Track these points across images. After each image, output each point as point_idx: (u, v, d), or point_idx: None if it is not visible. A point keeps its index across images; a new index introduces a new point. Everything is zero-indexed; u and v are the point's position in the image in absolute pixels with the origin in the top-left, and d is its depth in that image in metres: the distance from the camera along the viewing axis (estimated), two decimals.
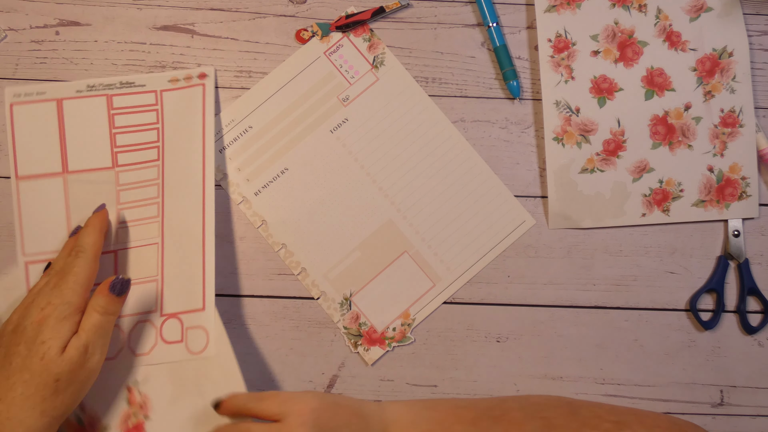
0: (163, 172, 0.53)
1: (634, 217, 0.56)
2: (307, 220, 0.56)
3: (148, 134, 0.54)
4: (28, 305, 0.45)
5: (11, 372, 0.42)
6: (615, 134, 0.56)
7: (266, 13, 0.57)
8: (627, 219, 0.56)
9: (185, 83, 0.54)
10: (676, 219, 0.56)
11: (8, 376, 0.42)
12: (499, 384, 0.55)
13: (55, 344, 0.42)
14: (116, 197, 0.53)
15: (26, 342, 0.43)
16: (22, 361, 0.42)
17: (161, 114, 0.54)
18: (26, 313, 0.44)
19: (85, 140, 0.54)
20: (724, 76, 0.57)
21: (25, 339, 0.43)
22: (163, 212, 0.53)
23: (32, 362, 0.42)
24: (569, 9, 0.57)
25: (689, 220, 0.56)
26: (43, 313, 0.43)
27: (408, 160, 0.56)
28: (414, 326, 0.55)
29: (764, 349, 0.56)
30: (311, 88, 0.57)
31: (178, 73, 0.55)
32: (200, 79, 0.55)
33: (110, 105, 0.54)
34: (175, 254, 0.53)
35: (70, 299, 0.44)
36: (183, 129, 0.54)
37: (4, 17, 0.56)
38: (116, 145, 0.54)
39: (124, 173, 0.54)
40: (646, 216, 0.56)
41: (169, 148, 0.54)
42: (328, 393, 0.50)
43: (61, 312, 0.43)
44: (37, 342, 0.42)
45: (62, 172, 0.53)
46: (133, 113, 0.54)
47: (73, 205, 0.53)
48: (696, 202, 0.56)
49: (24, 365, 0.42)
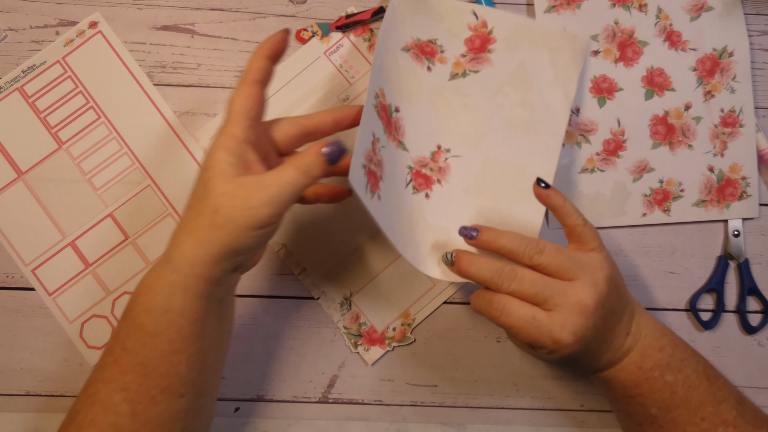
0: (113, 125, 0.55)
1: (634, 217, 0.56)
2: (307, 220, 0.56)
3: (76, 101, 0.55)
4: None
5: (190, 193, 0.41)
6: (615, 134, 0.56)
7: (266, 13, 0.57)
8: (627, 219, 0.56)
9: (81, 39, 0.55)
10: (676, 219, 0.56)
11: (189, 194, 0.41)
12: (499, 384, 0.55)
13: (215, 174, 0.38)
14: (80, 172, 0.54)
15: (200, 169, 0.40)
16: (194, 183, 0.40)
17: (76, 77, 0.55)
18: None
19: (22, 137, 0.55)
20: (725, 76, 0.57)
21: (200, 167, 0.41)
22: (137, 157, 0.55)
23: (198, 188, 0.39)
24: (569, 9, 0.57)
25: (690, 220, 0.56)
26: (211, 143, 0.40)
27: None
28: (414, 326, 0.55)
29: (764, 349, 0.56)
30: (311, 88, 0.57)
31: (69, 33, 0.55)
32: (92, 28, 0.55)
33: (25, 95, 0.55)
34: (175, 183, 0.55)
35: (229, 128, 0.40)
36: (106, 77, 0.56)
37: (4, 17, 0.56)
38: (51, 126, 0.55)
39: (74, 146, 0.55)
40: (647, 216, 0.56)
41: (105, 101, 0.55)
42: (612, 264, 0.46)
43: (220, 142, 0.39)
44: (202, 169, 0.40)
45: (19, 176, 0.54)
46: (50, 91, 0.55)
47: (46, 201, 0.54)
48: (696, 202, 0.56)
49: (194, 190, 0.40)
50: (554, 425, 0.55)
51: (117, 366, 0.40)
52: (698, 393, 0.43)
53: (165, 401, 0.40)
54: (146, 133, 0.56)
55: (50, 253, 0.54)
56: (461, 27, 0.54)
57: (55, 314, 0.54)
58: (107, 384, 0.40)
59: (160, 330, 0.39)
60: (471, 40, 0.54)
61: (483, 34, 0.54)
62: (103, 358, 0.42)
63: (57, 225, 0.54)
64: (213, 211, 0.38)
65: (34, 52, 0.56)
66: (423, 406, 0.55)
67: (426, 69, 0.53)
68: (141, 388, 0.39)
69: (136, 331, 0.40)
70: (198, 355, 0.41)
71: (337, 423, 0.55)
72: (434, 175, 0.53)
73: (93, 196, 0.55)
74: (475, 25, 0.54)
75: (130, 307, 0.41)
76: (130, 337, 0.40)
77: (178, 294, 0.39)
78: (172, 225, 0.55)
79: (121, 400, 0.39)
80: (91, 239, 0.55)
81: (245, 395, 0.54)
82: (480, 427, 0.55)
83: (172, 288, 0.39)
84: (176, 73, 0.56)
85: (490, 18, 0.54)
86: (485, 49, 0.54)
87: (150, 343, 0.39)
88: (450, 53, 0.54)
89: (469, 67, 0.54)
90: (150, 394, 0.40)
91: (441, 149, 0.53)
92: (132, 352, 0.39)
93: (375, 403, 0.55)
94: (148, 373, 0.39)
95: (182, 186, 0.55)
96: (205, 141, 0.56)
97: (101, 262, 0.54)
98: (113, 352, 0.41)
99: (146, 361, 0.39)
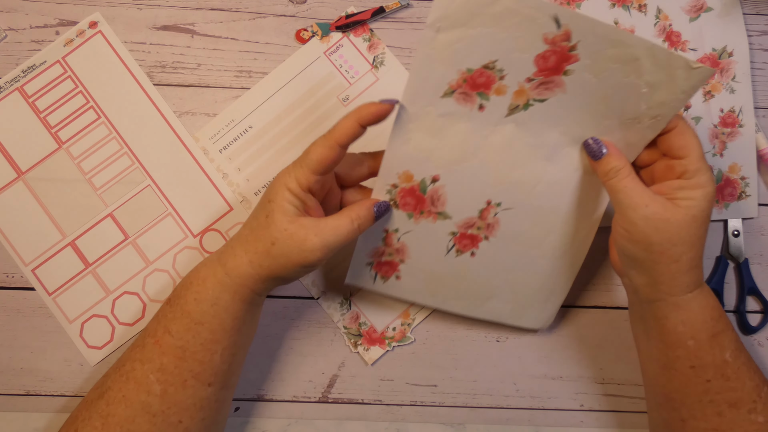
0: (113, 125, 0.55)
1: None
2: None
3: (76, 101, 0.55)
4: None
5: (252, 213, 0.45)
6: None
7: (266, 13, 0.57)
8: None
9: (81, 39, 0.55)
10: None
11: (251, 214, 0.45)
12: (499, 384, 0.55)
13: (278, 209, 0.43)
14: (80, 171, 0.54)
15: (264, 194, 0.45)
16: (258, 206, 0.45)
17: (76, 77, 0.55)
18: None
19: (22, 137, 0.55)
20: (724, 76, 0.57)
21: (265, 191, 0.45)
22: (137, 157, 0.55)
23: (261, 214, 0.44)
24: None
25: None
26: (277, 175, 0.44)
27: None
28: (414, 326, 0.55)
29: (764, 349, 0.56)
30: (311, 88, 0.57)
31: (69, 33, 0.55)
32: (92, 28, 0.55)
33: (25, 95, 0.55)
34: (175, 183, 0.55)
35: (298, 175, 0.43)
36: (106, 77, 0.56)
37: (4, 17, 0.56)
38: (51, 126, 0.55)
39: (74, 146, 0.55)
40: None
41: (105, 101, 0.55)
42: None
43: (288, 182, 0.43)
44: (266, 198, 0.44)
45: (19, 176, 0.54)
46: (50, 91, 0.56)
47: (46, 201, 0.55)
48: None
49: (256, 212, 0.44)
50: (554, 425, 0.55)
51: (157, 347, 0.44)
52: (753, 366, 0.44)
53: (194, 386, 0.44)
54: (146, 133, 0.56)
55: (50, 252, 0.54)
56: (535, 38, 0.40)
57: (55, 314, 0.54)
58: (144, 363, 0.44)
59: (206, 320, 0.43)
60: (544, 57, 0.41)
61: (563, 49, 0.40)
62: (141, 339, 0.45)
63: (57, 225, 0.54)
64: (271, 243, 0.42)
65: (34, 52, 0.56)
66: (423, 405, 0.55)
67: (477, 109, 0.43)
68: (176, 370, 0.43)
69: (183, 317, 0.44)
70: (231, 349, 0.45)
71: (336, 423, 0.55)
72: (481, 233, 0.48)
73: (93, 196, 0.55)
74: (553, 37, 0.40)
75: (180, 294, 0.44)
76: (176, 322, 0.44)
77: (227, 293, 0.43)
78: (172, 225, 0.55)
79: (155, 380, 0.43)
80: (91, 239, 0.55)
81: (245, 395, 0.54)
82: (480, 427, 0.55)
83: (223, 287, 0.43)
84: (176, 73, 0.56)
85: (578, 27, 0.39)
86: (561, 71, 0.41)
87: (194, 329, 0.43)
88: (512, 78, 0.42)
89: (533, 96, 0.43)
90: (183, 377, 0.43)
91: (491, 204, 0.47)
92: (175, 335, 0.43)
93: (375, 402, 0.55)
94: (185, 357, 0.43)
95: (182, 186, 0.55)
96: (205, 141, 0.56)
97: (101, 262, 0.54)
98: (155, 334, 0.44)
99: (186, 345, 0.43)
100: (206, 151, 0.56)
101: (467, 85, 0.42)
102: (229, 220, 0.55)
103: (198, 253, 0.55)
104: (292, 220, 0.42)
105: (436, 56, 0.41)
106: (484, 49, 0.41)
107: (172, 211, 0.55)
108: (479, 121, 0.44)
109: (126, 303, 0.54)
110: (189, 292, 0.44)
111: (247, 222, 0.45)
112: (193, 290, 0.44)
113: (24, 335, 0.54)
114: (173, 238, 0.55)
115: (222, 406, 0.47)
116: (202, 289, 0.44)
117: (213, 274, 0.44)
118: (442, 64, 0.41)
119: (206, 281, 0.44)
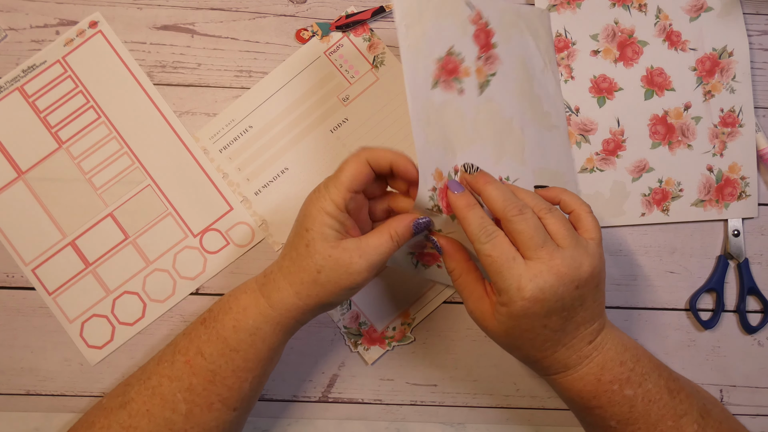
0: (113, 124, 0.55)
1: (633, 217, 0.56)
2: None
3: (76, 101, 0.55)
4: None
5: (289, 243, 0.45)
6: (614, 134, 0.57)
7: (266, 13, 0.57)
8: (626, 218, 0.56)
9: (81, 39, 0.55)
10: (675, 219, 0.56)
11: (286, 245, 0.45)
12: (499, 384, 0.55)
13: (318, 237, 0.42)
14: (80, 171, 0.54)
15: (297, 222, 0.44)
16: (294, 235, 0.44)
17: (76, 77, 0.55)
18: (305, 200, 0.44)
19: (22, 137, 0.55)
20: (724, 76, 0.57)
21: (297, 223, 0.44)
22: (137, 157, 0.55)
23: (300, 244, 0.43)
24: (569, 8, 0.57)
25: (688, 219, 0.56)
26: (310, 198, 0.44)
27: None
28: (414, 326, 0.55)
29: (764, 349, 0.56)
30: (311, 88, 0.57)
31: (69, 33, 0.55)
32: (92, 28, 0.55)
33: (25, 95, 0.55)
34: (175, 183, 0.55)
35: (333, 196, 0.42)
36: (106, 77, 0.56)
37: (4, 17, 0.56)
38: (51, 125, 0.55)
39: (74, 145, 0.55)
40: (646, 216, 0.56)
41: (105, 101, 0.55)
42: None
43: (324, 206, 0.43)
44: (303, 227, 0.43)
45: (19, 176, 0.54)
46: (50, 90, 0.55)
47: (46, 200, 0.55)
48: (695, 202, 0.56)
49: (293, 243, 0.44)
50: (554, 425, 0.55)
51: (188, 366, 0.44)
52: (658, 407, 0.43)
53: (219, 410, 0.44)
54: (146, 133, 0.56)
55: (50, 252, 0.54)
56: (464, 21, 0.47)
57: (55, 314, 0.54)
58: (173, 381, 0.44)
59: (242, 348, 0.44)
60: (476, 36, 0.48)
61: (482, 26, 0.48)
62: (171, 354, 0.45)
63: (57, 225, 0.55)
64: (317, 271, 0.42)
65: (34, 52, 0.56)
66: (423, 405, 0.55)
67: (458, 93, 0.46)
68: (204, 392, 0.43)
69: (218, 342, 0.44)
70: (261, 377, 0.46)
71: (336, 422, 0.55)
72: None
73: (93, 196, 0.55)
74: (473, 18, 0.47)
75: (217, 318, 0.44)
76: (210, 345, 0.44)
77: (268, 324, 0.44)
78: (172, 224, 0.55)
79: (182, 399, 0.43)
80: (91, 239, 0.55)
81: None
82: (480, 426, 0.55)
83: (264, 318, 0.44)
84: (176, 73, 0.56)
85: (484, 6, 0.48)
86: (490, 45, 0.49)
87: (228, 355, 0.43)
88: (469, 59, 0.47)
89: (487, 72, 0.48)
90: (210, 400, 0.44)
91: (501, 179, 0.49)
92: (208, 358, 0.43)
93: (375, 402, 0.55)
94: (215, 381, 0.43)
95: (182, 186, 0.55)
96: (205, 140, 0.56)
97: (101, 262, 0.54)
98: (186, 353, 0.44)
99: (218, 370, 0.43)
100: (206, 150, 0.56)
101: (444, 72, 0.45)
102: (229, 220, 0.55)
103: (198, 253, 0.55)
104: (334, 245, 0.42)
105: (414, 49, 0.43)
106: (441, 39, 0.45)
107: (172, 210, 0.55)
108: (465, 104, 0.47)
109: (126, 303, 0.54)
110: (227, 318, 0.44)
111: (286, 253, 0.44)
112: (232, 317, 0.44)
113: (24, 335, 0.54)
114: (173, 237, 0.55)
115: (241, 428, 0.48)
116: (242, 318, 0.43)
117: (255, 305, 0.44)
118: (422, 57, 0.43)
119: (247, 310, 0.44)
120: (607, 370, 0.43)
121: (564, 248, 0.41)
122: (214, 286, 0.55)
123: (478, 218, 0.42)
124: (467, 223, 0.42)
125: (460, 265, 0.44)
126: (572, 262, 0.40)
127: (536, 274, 0.40)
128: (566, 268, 0.40)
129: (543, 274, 0.40)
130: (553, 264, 0.40)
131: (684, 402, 0.44)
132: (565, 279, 0.40)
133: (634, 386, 0.43)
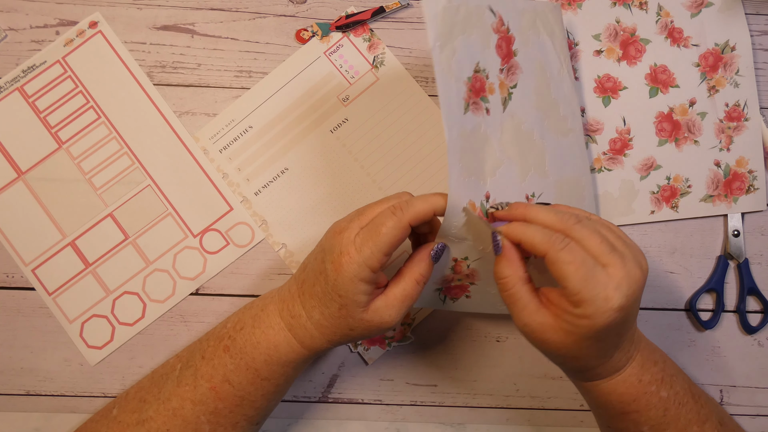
0: (113, 125, 0.55)
1: (642, 215, 0.56)
2: (307, 220, 0.56)
3: (76, 101, 0.55)
4: (337, 233, 0.42)
5: (317, 295, 0.43)
6: (621, 133, 0.56)
7: (266, 13, 0.57)
8: (636, 217, 0.56)
9: (81, 39, 0.55)
10: (684, 215, 0.56)
11: (313, 294, 0.43)
12: (499, 384, 0.55)
13: (351, 303, 0.41)
14: (80, 171, 0.54)
15: (326, 281, 0.42)
16: (323, 292, 0.42)
17: (76, 77, 0.55)
18: (332, 246, 0.42)
19: (22, 137, 0.55)
20: (728, 71, 0.57)
21: (325, 278, 0.42)
22: (137, 157, 0.55)
23: (332, 305, 0.42)
24: (570, 9, 0.57)
25: (698, 215, 0.56)
26: (342, 260, 0.41)
27: (408, 160, 0.56)
28: (414, 326, 0.55)
29: (764, 349, 0.56)
30: (311, 88, 0.57)
31: (69, 33, 0.55)
32: (92, 28, 0.55)
33: (25, 95, 0.55)
34: (175, 183, 0.55)
35: (369, 261, 0.40)
36: (106, 77, 0.56)
37: (4, 17, 0.56)
38: (51, 126, 0.55)
39: (74, 146, 0.55)
40: (655, 213, 0.56)
41: (105, 101, 0.55)
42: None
43: (359, 272, 0.40)
44: (335, 291, 0.41)
45: (19, 176, 0.54)
46: (50, 91, 0.56)
47: (46, 201, 0.55)
48: (704, 198, 0.56)
49: (323, 299, 0.42)
50: (554, 425, 0.55)
51: (214, 393, 0.44)
52: (686, 411, 0.42)
53: (243, 427, 0.45)
54: (146, 133, 0.56)
55: (50, 252, 0.54)
56: (488, 31, 0.44)
57: (55, 314, 0.54)
58: (196, 405, 0.44)
59: (274, 377, 0.44)
60: (499, 46, 0.45)
61: (504, 33, 0.45)
62: (193, 379, 0.45)
63: (57, 225, 0.55)
64: (349, 329, 0.43)
65: (34, 52, 0.56)
66: (422, 405, 0.55)
67: (485, 113, 0.44)
68: (230, 414, 0.44)
69: (249, 373, 0.44)
70: (284, 394, 0.47)
71: (336, 422, 0.55)
72: None
73: (93, 196, 0.55)
74: (496, 25, 0.45)
75: (246, 351, 0.44)
76: (239, 374, 0.44)
77: (302, 358, 0.45)
78: (172, 225, 0.55)
79: (206, 420, 0.44)
80: (91, 239, 0.55)
81: None
82: (480, 426, 0.55)
83: (297, 355, 0.44)
84: (176, 73, 0.56)
85: (504, 10, 0.45)
86: (511, 53, 0.46)
87: (259, 383, 0.44)
88: (493, 75, 0.44)
89: (509, 84, 0.46)
90: (235, 420, 0.45)
91: (529, 198, 0.48)
92: (236, 386, 0.44)
93: (375, 402, 0.55)
94: (243, 405, 0.44)
95: (182, 186, 0.55)
96: (205, 141, 0.56)
97: (101, 262, 0.54)
98: (211, 380, 0.44)
99: (247, 396, 0.44)
100: (206, 151, 0.56)
101: (473, 93, 0.42)
102: (229, 220, 0.55)
103: (198, 253, 0.55)
104: (366, 310, 0.42)
105: (447, 73, 0.40)
106: (469, 55, 0.42)
107: (172, 211, 0.55)
108: (491, 125, 0.44)
109: (126, 303, 0.54)
110: (257, 352, 0.44)
111: (319, 306, 0.43)
112: (263, 351, 0.44)
113: (24, 335, 0.54)
114: (173, 238, 0.55)
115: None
116: (273, 353, 0.44)
117: (286, 343, 0.44)
118: (454, 80, 0.41)
119: (279, 348, 0.44)
120: (646, 369, 0.42)
121: (626, 258, 0.38)
122: (214, 287, 0.55)
123: (540, 229, 0.39)
124: (530, 236, 0.38)
125: (517, 273, 0.40)
126: (636, 261, 0.38)
127: (619, 282, 0.37)
128: (637, 269, 0.38)
129: (625, 281, 0.37)
130: (628, 268, 0.37)
131: (705, 407, 0.43)
132: (640, 282, 0.38)
133: (667, 387, 0.42)
